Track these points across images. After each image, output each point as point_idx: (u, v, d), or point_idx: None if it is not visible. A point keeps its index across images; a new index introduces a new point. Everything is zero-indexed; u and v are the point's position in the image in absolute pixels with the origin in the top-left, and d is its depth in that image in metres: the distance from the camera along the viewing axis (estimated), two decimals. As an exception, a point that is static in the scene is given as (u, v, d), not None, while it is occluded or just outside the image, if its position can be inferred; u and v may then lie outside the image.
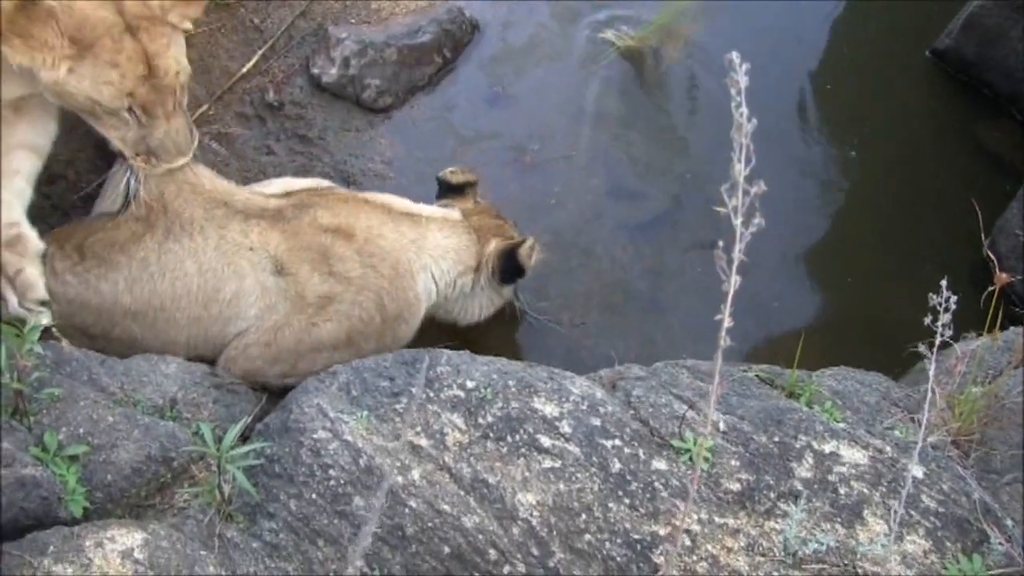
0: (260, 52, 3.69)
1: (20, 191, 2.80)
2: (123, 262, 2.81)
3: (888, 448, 2.33)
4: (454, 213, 3.14)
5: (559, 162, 3.70)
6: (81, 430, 2.26)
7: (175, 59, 2.64)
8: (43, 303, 2.66)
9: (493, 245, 3.11)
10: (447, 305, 3.17)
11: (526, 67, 3.89)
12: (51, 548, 1.92)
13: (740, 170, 1.17)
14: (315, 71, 3.66)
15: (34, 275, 2.67)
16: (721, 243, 1.25)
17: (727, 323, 1.26)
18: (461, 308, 3.23)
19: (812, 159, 3.80)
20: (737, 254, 1.19)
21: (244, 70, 3.64)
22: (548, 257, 3.32)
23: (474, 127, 3.75)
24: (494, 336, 3.35)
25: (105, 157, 3.14)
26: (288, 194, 3.00)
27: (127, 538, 2.01)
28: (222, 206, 2.86)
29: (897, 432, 2.41)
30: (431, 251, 3.02)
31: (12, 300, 2.64)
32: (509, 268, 3.09)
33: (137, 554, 1.97)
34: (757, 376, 2.62)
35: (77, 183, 3.30)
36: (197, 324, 2.86)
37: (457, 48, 3.86)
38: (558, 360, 3.01)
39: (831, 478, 2.27)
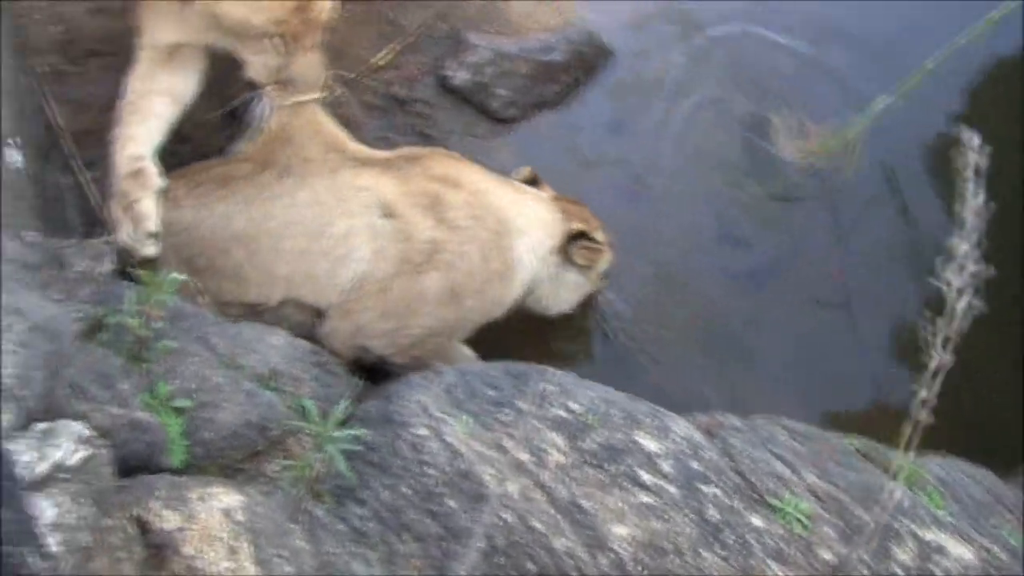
0: (395, 46, 3.72)
1: (152, 130, 2.88)
2: (241, 187, 2.89)
3: (998, 550, 2.27)
4: (545, 191, 3.22)
5: (673, 198, 3.70)
6: (190, 385, 2.28)
7: None
8: (153, 235, 2.71)
9: (575, 225, 3.14)
10: (539, 287, 3.18)
11: (652, 100, 3.89)
12: (158, 492, 1.93)
13: (966, 250, 1.14)
14: (446, 73, 3.69)
15: (149, 207, 2.73)
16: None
17: (927, 399, 1.24)
18: (551, 293, 3.23)
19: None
20: (954, 332, 1.17)
21: (379, 60, 3.68)
22: (644, 290, 3.32)
23: (593, 151, 3.75)
24: (581, 354, 3.35)
25: (232, 123, 3.20)
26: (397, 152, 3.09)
27: (228, 497, 2.02)
28: (338, 150, 2.96)
29: (1006, 534, 2.35)
30: (527, 217, 3.08)
31: (126, 228, 2.69)
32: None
33: (237, 515, 1.97)
34: (856, 448, 2.59)
35: (203, 145, 3.34)
36: (303, 258, 2.89)
37: (587, 71, 3.86)
38: (643, 392, 3.00)
39: (935, 571, 2.22)
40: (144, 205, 2.72)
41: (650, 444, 2.33)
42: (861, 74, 3.93)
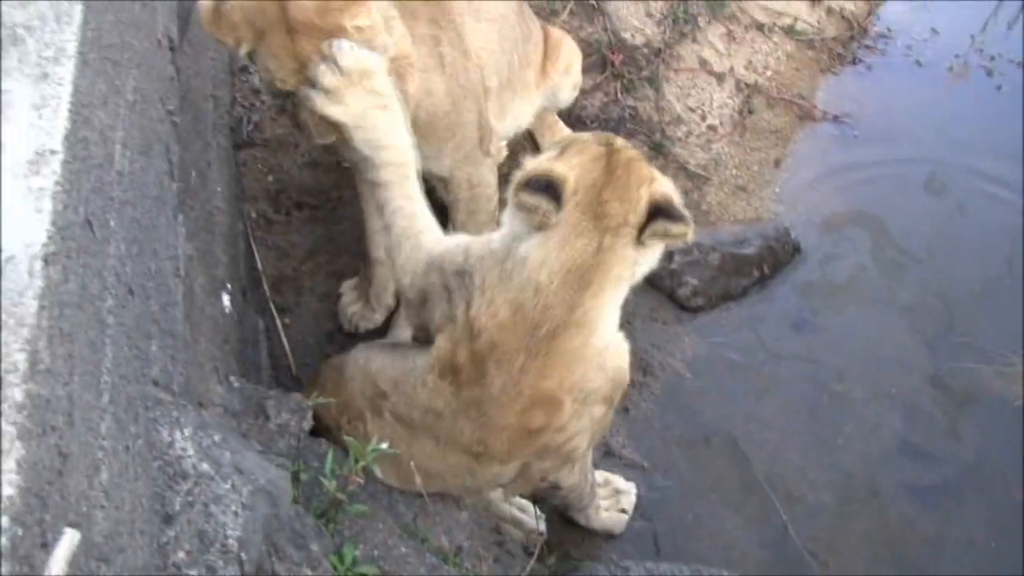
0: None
1: None
2: None
3: None
4: None
5: (854, 404, 3.59)
6: (375, 552, 2.27)
7: None
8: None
9: None
10: None
11: (840, 303, 3.83)
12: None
13: None
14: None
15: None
16: None
17: None
18: None
19: None
20: None
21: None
22: (820, 495, 3.20)
23: (776, 347, 3.69)
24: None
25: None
26: None
27: None
28: None
29: None
30: None
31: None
32: None
33: None
34: None
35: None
36: None
37: (776, 266, 3.84)
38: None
39: None
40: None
41: None
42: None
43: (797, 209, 4.05)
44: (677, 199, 2.24)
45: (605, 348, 2.29)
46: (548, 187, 2.14)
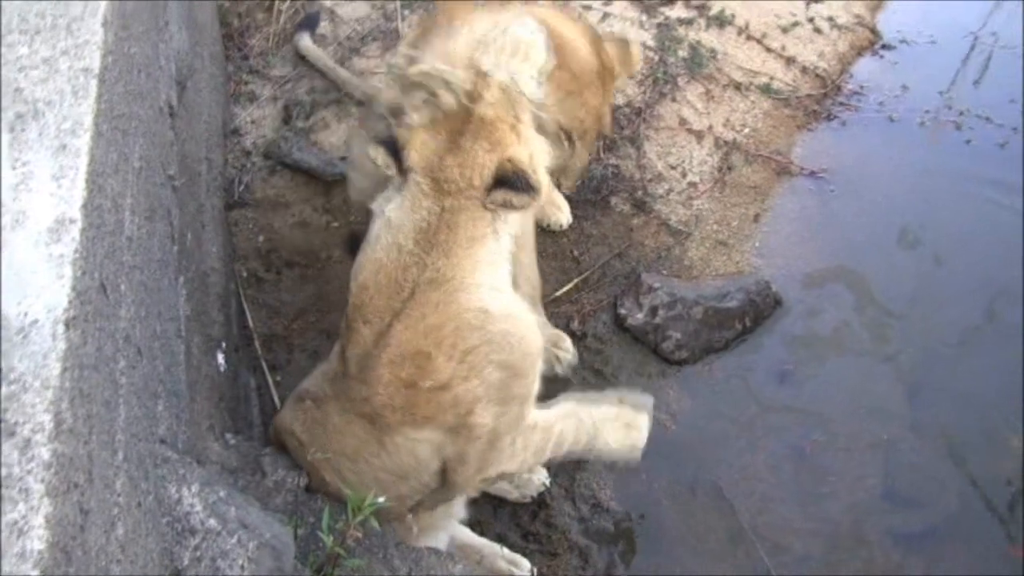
0: (574, 281, 3.87)
1: None
2: None
3: None
4: None
5: (838, 453, 3.65)
6: (373, 607, 2.30)
7: (611, 106, 3.06)
8: None
9: None
10: None
11: (821, 354, 3.91)
12: None
13: None
14: (621, 311, 3.79)
15: None
16: None
17: None
18: None
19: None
20: None
21: (557, 293, 3.82)
22: (807, 544, 3.27)
23: (760, 398, 3.76)
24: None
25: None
26: None
27: None
28: None
29: None
30: None
31: None
32: None
33: None
34: None
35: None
36: None
37: (758, 319, 3.92)
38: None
39: None
40: None
41: None
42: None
43: (777, 263, 4.14)
44: (531, 163, 2.32)
45: (485, 311, 2.34)
46: (392, 145, 2.30)
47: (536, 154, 2.36)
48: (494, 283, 2.38)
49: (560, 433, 2.68)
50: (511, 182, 2.26)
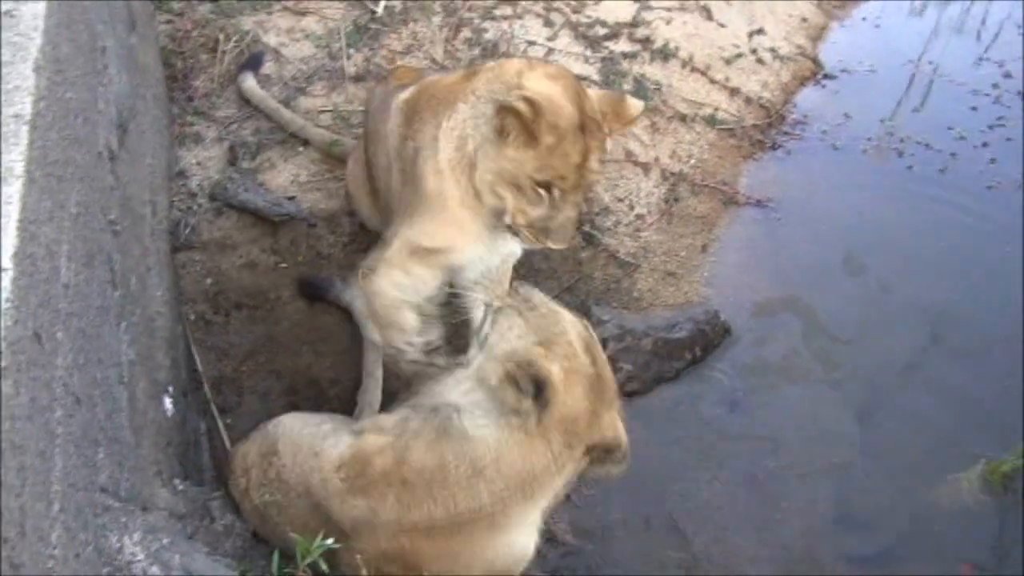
0: (524, 313, 3.87)
1: None
2: None
3: None
4: None
5: (790, 480, 3.67)
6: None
7: (600, 162, 2.93)
8: None
9: None
10: None
11: (773, 381, 3.94)
12: None
13: None
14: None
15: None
16: None
17: None
18: None
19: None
20: None
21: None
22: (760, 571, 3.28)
23: (712, 427, 3.78)
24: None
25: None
26: None
27: None
28: None
29: None
30: None
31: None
32: None
33: None
34: None
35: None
36: None
37: (707, 348, 3.95)
38: None
39: None
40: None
41: None
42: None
43: (725, 292, 4.19)
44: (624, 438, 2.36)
45: (510, 550, 2.36)
46: (538, 389, 2.22)
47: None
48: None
49: None
50: (614, 455, 2.34)
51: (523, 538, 2.37)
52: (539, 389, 2.20)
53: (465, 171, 2.94)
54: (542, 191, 2.89)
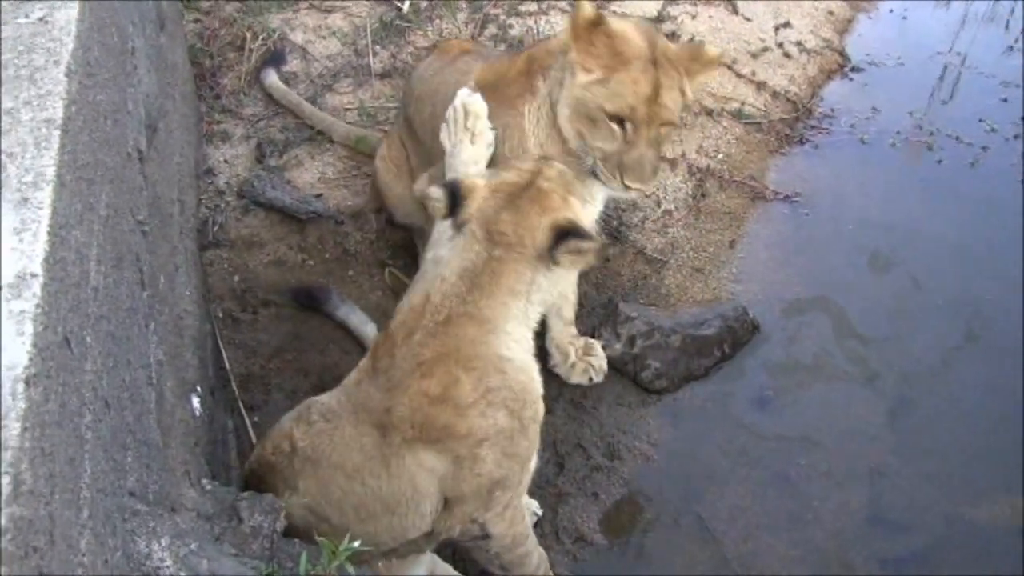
0: (552, 313, 3.85)
1: None
2: None
3: None
4: None
5: (821, 479, 3.63)
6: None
7: (674, 101, 2.98)
8: None
9: None
10: None
11: (803, 379, 3.90)
12: None
13: None
14: (600, 342, 3.77)
15: None
16: None
17: None
18: None
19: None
20: None
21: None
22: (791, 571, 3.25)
23: (741, 426, 3.75)
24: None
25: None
26: None
27: None
28: None
29: None
30: None
31: None
32: None
33: None
34: None
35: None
36: None
37: (736, 346, 3.92)
38: None
39: None
40: None
41: None
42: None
43: (754, 288, 4.15)
44: (584, 222, 2.57)
45: (509, 358, 2.51)
46: (455, 191, 2.54)
47: (583, 219, 2.60)
48: (519, 337, 2.56)
49: (534, 550, 2.86)
50: (575, 233, 2.46)
51: (511, 345, 2.54)
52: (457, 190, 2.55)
53: (548, 116, 3.09)
54: (615, 126, 2.95)
